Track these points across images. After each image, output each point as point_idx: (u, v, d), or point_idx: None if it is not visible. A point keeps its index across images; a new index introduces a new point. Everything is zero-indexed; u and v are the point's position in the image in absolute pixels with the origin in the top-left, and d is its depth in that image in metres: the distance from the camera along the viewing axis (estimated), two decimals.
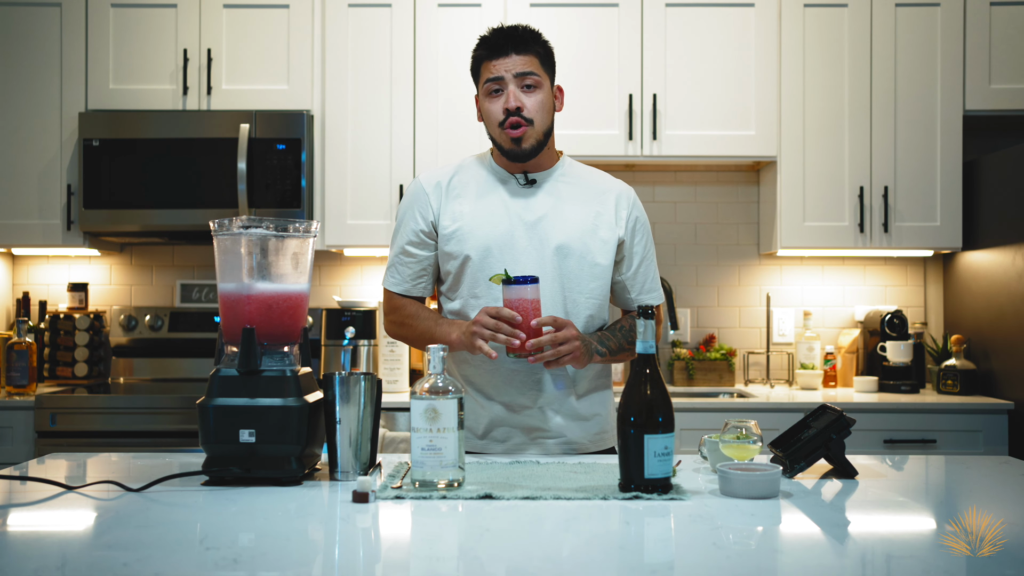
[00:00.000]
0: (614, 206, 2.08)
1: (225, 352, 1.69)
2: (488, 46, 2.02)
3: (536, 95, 2.00)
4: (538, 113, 2.00)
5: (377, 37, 3.51)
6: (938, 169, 3.50)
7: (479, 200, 2.05)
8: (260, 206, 3.39)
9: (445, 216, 2.05)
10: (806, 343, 3.65)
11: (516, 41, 2.00)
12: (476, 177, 2.09)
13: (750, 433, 1.72)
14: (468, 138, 3.45)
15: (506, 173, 2.08)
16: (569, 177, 2.10)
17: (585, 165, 2.18)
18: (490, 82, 2.00)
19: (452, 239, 2.03)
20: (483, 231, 2.02)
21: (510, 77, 1.98)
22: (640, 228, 2.11)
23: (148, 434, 3.15)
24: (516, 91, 1.98)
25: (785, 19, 3.51)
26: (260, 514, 1.44)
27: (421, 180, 2.11)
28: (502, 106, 1.98)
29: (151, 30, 3.50)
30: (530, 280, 1.85)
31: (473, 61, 2.06)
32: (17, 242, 3.54)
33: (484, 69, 2.02)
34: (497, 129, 2.01)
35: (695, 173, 3.88)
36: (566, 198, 2.06)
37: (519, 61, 1.99)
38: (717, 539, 1.31)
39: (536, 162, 2.06)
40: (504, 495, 1.53)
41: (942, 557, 1.22)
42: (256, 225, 1.68)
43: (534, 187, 2.07)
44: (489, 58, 2.01)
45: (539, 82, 2.01)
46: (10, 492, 1.61)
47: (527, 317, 1.84)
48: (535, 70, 2.00)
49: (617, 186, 2.12)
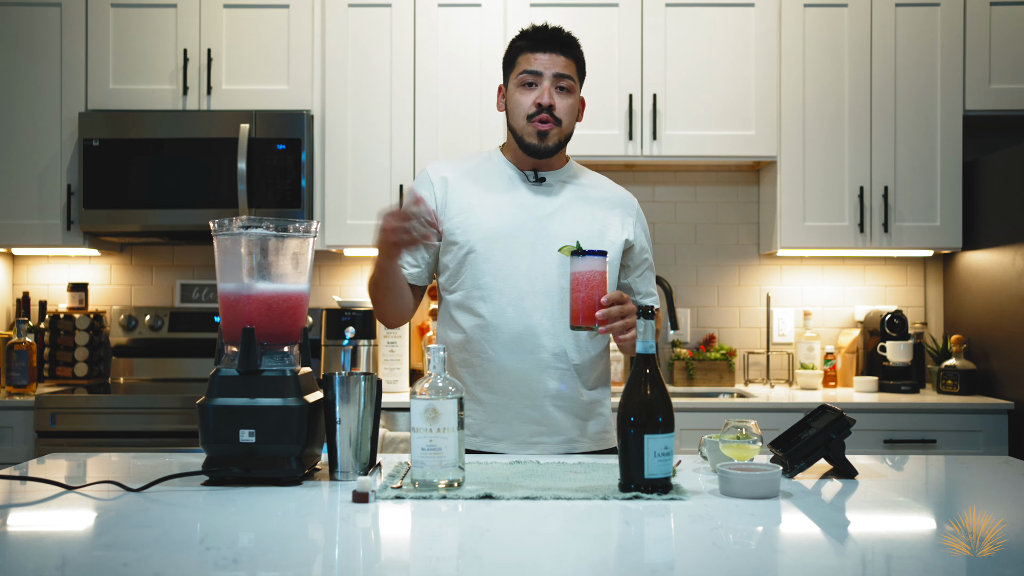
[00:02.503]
0: (620, 212, 2.12)
1: (225, 352, 1.69)
2: (531, 39, 2.04)
3: (568, 99, 2.03)
4: (567, 116, 2.03)
5: (377, 37, 3.51)
6: (938, 169, 3.50)
7: (487, 193, 2.07)
8: (260, 206, 3.39)
9: (450, 207, 2.06)
10: (806, 343, 3.65)
11: (561, 42, 2.03)
12: (484, 171, 2.11)
13: (750, 433, 1.72)
14: (468, 138, 3.45)
15: (516, 169, 2.10)
16: (578, 180, 2.13)
17: (590, 170, 2.21)
18: (526, 74, 2.02)
19: (457, 230, 2.04)
20: (490, 223, 2.03)
21: (549, 75, 2.01)
22: (645, 236, 2.17)
23: (148, 434, 3.15)
24: (552, 89, 2.01)
25: (785, 19, 3.51)
26: (260, 514, 1.44)
27: (428, 171, 2.13)
28: (534, 100, 2.01)
29: (151, 30, 3.50)
30: (599, 253, 1.83)
31: (510, 51, 2.08)
32: (17, 242, 3.54)
33: (522, 60, 2.04)
34: (523, 121, 2.03)
35: (695, 173, 3.88)
36: (575, 198, 2.09)
37: (560, 61, 2.02)
38: (717, 539, 1.31)
39: (548, 162, 2.09)
40: (504, 495, 1.53)
41: (942, 557, 1.22)
42: (256, 225, 1.68)
43: (543, 185, 2.09)
44: (531, 50, 2.03)
45: (573, 87, 2.04)
46: (10, 492, 1.61)
47: (597, 291, 1.81)
48: (572, 75, 2.03)
49: (622, 194, 2.17)
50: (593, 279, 1.82)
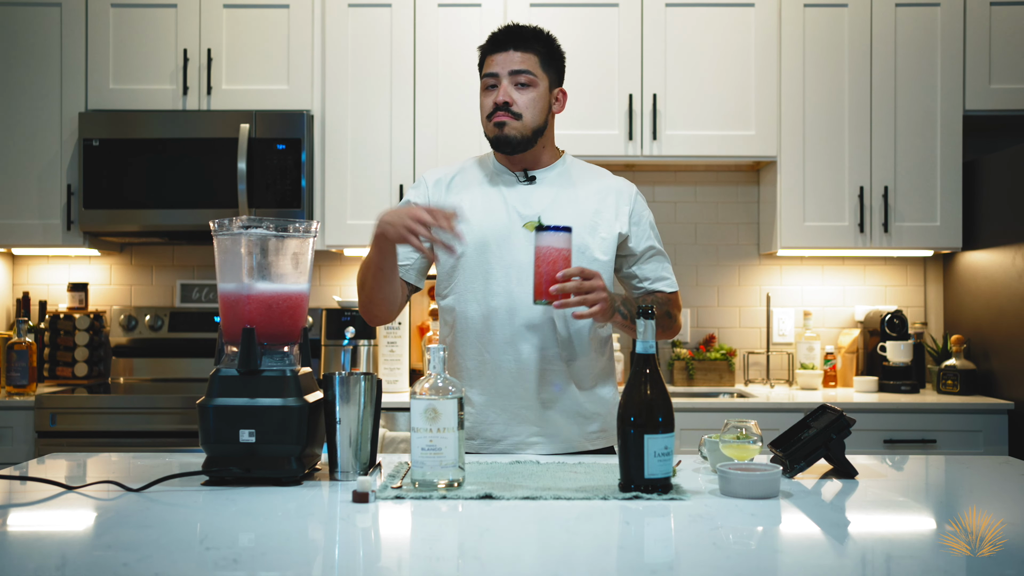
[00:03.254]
0: (614, 202, 2.09)
1: (225, 352, 1.69)
2: (491, 41, 2.07)
3: (528, 93, 2.03)
4: (528, 110, 2.02)
5: (377, 37, 3.51)
6: (938, 169, 3.50)
7: (479, 196, 2.08)
8: (260, 206, 3.39)
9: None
10: (806, 343, 3.65)
11: (517, 38, 2.04)
12: (477, 175, 2.12)
13: (750, 433, 1.72)
14: (468, 138, 3.45)
15: (506, 170, 2.10)
16: (570, 174, 2.12)
17: (587, 163, 2.19)
18: (487, 77, 2.06)
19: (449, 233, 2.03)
20: (481, 226, 2.04)
21: (504, 73, 2.02)
22: (642, 222, 2.12)
23: (148, 434, 3.15)
24: (508, 87, 2.02)
25: (785, 19, 3.51)
26: (260, 514, 1.44)
27: (425, 176, 2.16)
28: (492, 99, 2.03)
29: (151, 30, 3.50)
30: (563, 229, 1.82)
31: (479, 55, 2.11)
32: (17, 242, 3.54)
33: (486, 63, 2.07)
34: (485, 121, 2.06)
35: (695, 173, 3.88)
36: (565, 194, 2.08)
37: (516, 58, 2.02)
38: (717, 539, 1.31)
39: (535, 159, 2.08)
40: (504, 495, 1.53)
41: (942, 557, 1.22)
42: (256, 225, 1.68)
43: (534, 184, 2.09)
44: (490, 52, 2.06)
45: (533, 81, 2.03)
46: (10, 492, 1.61)
47: (556, 266, 1.80)
48: (531, 69, 2.03)
49: (617, 183, 2.14)
50: (550, 254, 1.81)
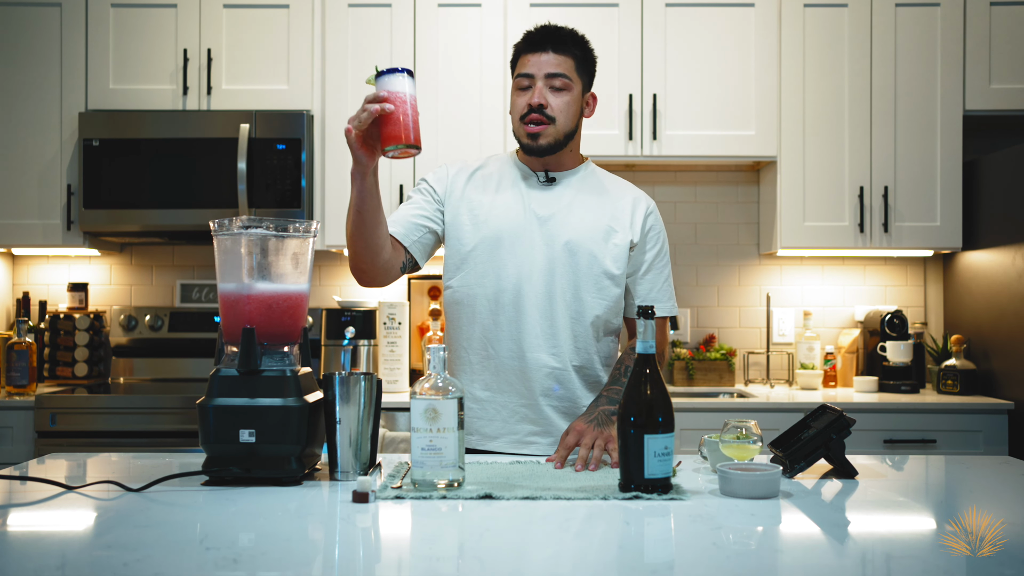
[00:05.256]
0: (630, 212, 2.09)
1: (225, 352, 1.69)
2: (528, 40, 2.05)
3: (563, 96, 2.02)
4: (562, 114, 2.02)
5: (377, 37, 3.51)
6: (938, 169, 3.50)
7: (498, 193, 2.08)
8: (260, 206, 3.39)
9: (464, 204, 2.07)
10: (806, 343, 3.65)
11: (555, 40, 2.03)
12: (499, 171, 2.12)
13: (750, 433, 1.72)
14: (469, 138, 3.45)
15: (528, 170, 2.10)
16: (590, 180, 2.12)
17: (609, 172, 2.19)
18: (521, 77, 2.04)
19: (467, 226, 2.05)
20: (497, 222, 2.04)
21: (540, 75, 2.01)
22: (653, 236, 2.10)
23: (148, 434, 3.15)
24: (543, 89, 2.01)
25: (785, 19, 3.51)
26: (260, 514, 1.44)
27: (448, 166, 2.15)
28: (526, 101, 2.02)
29: (151, 30, 3.50)
30: (400, 70, 1.73)
31: (513, 53, 2.10)
32: (17, 242, 3.54)
33: (520, 62, 2.06)
34: (518, 122, 2.04)
35: (695, 173, 3.88)
36: (582, 198, 2.08)
37: (553, 60, 2.01)
38: (717, 539, 1.31)
39: (558, 162, 2.08)
40: (504, 495, 1.53)
41: (942, 557, 1.22)
42: (256, 225, 1.68)
43: (553, 185, 2.09)
44: (526, 52, 2.05)
45: (568, 84, 2.02)
46: (10, 492, 1.61)
47: (401, 109, 1.70)
48: (567, 72, 2.02)
49: (636, 193, 2.14)
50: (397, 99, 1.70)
